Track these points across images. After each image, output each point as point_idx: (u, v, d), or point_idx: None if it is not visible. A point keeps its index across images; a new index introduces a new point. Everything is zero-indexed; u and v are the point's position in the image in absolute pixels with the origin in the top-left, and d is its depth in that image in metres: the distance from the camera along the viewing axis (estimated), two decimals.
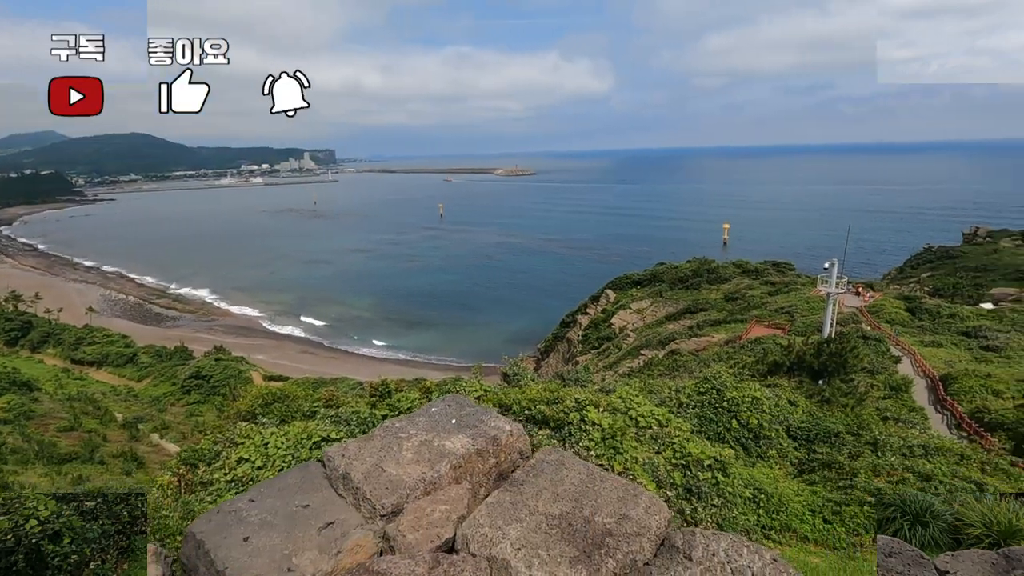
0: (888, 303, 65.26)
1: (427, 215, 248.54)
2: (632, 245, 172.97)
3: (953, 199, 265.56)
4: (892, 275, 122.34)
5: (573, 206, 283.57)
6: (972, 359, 43.32)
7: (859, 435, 14.69)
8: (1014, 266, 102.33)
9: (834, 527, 10.81)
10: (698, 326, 60.00)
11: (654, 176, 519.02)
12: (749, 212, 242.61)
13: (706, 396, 16.50)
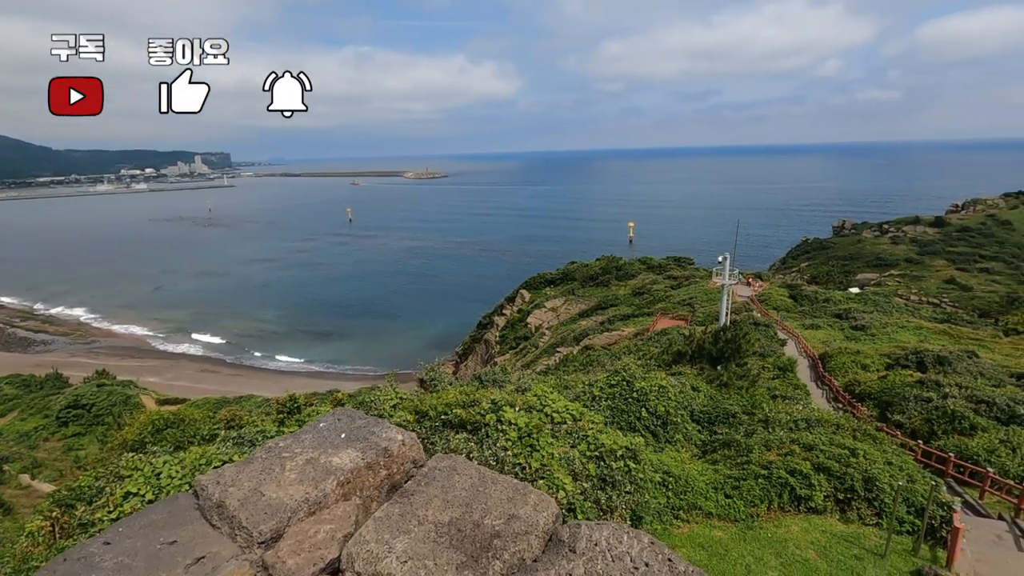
0: (774, 291, 71.51)
1: (335, 221, 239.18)
2: (544, 245, 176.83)
3: (823, 196, 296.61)
4: (777, 266, 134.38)
5: (485, 208, 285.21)
6: (844, 338, 48.44)
7: (753, 414, 15.91)
8: (874, 254, 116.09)
9: (734, 501, 11.60)
10: (609, 321, 62.38)
11: (562, 177, 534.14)
12: (651, 211, 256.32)
13: (617, 388, 17.14)
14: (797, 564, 9.70)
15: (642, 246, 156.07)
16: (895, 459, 12.95)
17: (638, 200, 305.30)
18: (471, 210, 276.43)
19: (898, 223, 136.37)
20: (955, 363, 31.83)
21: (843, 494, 11.65)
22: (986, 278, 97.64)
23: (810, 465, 12.03)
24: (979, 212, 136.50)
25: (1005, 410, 20.27)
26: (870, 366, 33.98)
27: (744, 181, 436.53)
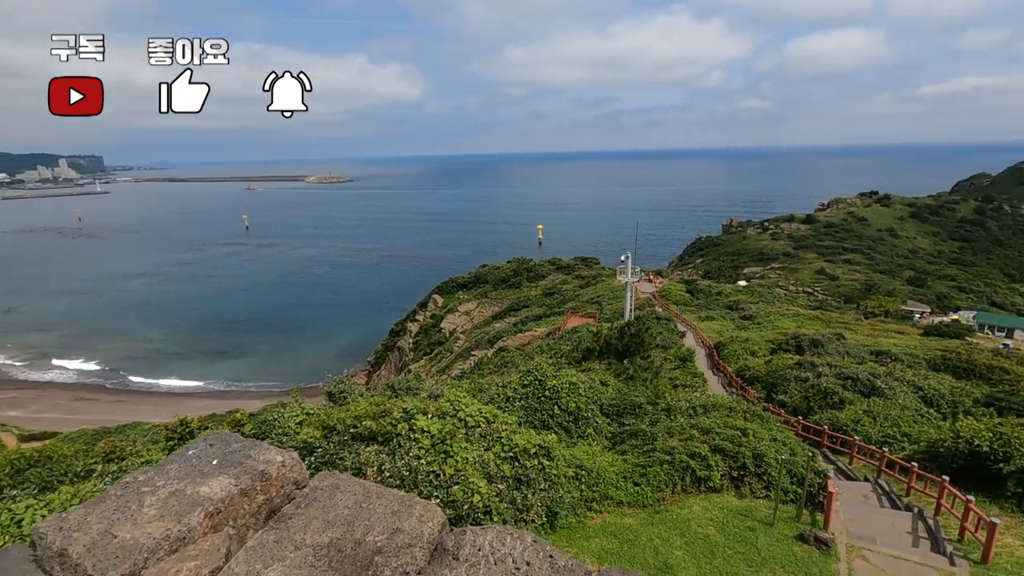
0: (673, 287, 76.16)
1: (229, 229, 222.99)
2: (455, 249, 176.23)
3: (713, 197, 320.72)
4: (675, 263, 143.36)
5: (394, 213, 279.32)
6: (735, 328, 52.51)
7: (657, 404, 16.81)
8: (757, 250, 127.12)
9: (642, 488, 12.16)
10: (522, 322, 63.33)
11: (471, 181, 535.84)
12: (558, 213, 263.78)
13: (530, 388, 17.40)
14: (699, 541, 10.35)
15: (551, 248, 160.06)
16: (779, 435, 14.26)
17: (545, 203, 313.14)
18: (378, 215, 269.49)
19: (776, 221, 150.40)
20: (827, 345, 35.53)
21: (737, 472, 12.63)
22: (849, 268, 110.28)
23: (708, 448, 12.92)
24: (841, 210, 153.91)
25: (867, 384, 22.97)
26: (758, 352, 37.06)
27: (642, 183, 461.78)
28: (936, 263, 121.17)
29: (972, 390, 26.58)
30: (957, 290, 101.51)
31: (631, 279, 37.30)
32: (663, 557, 9.72)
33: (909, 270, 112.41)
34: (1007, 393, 25.44)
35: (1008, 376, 32.91)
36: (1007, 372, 33.87)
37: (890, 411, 20.17)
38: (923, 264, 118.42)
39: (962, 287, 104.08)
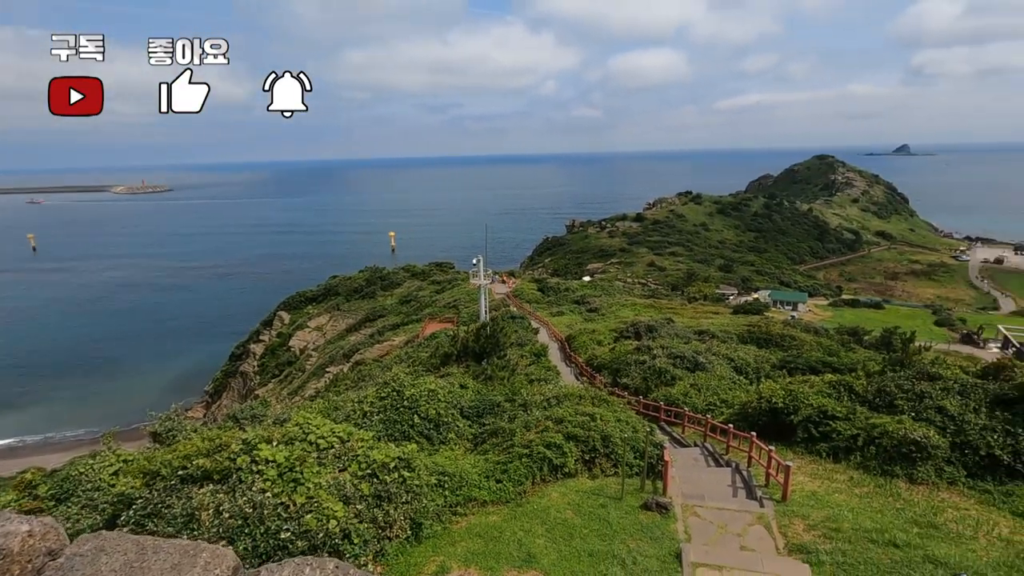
0: (526, 286, 79.44)
1: (9, 251, 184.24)
2: (302, 262, 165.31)
3: (557, 200, 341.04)
4: (526, 263, 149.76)
5: (228, 225, 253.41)
6: (583, 320, 56.31)
7: (514, 400, 17.42)
8: (598, 247, 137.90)
9: (504, 485, 12.49)
10: (379, 332, 61.41)
11: (316, 188, 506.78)
12: (410, 219, 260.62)
13: (388, 400, 16.93)
14: (559, 526, 10.93)
15: (405, 255, 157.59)
16: (623, 416, 15.65)
17: (396, 209, 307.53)
18: (209, 228, 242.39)
19: (612, 220, 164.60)
20: (659, 329, 39.68)
21: (588, 455, 13.60)
22: (674, 260, 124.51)
23: (562, 436, 13.71)
24: (664, 208, 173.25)
25: (692, 361, 26.13)
26: (603, 341, 40.14)
27: (491, 188, 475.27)
28: (739, 251, 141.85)
29: (770, 356, 31.59)
30: (756, 273, 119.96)
31: (484, 281, 38.17)
32: (527, 548, 10.07)
33: (719, 258, 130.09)
34: (795, 356, 30.68)
35: (795, 342, 39.69)
36: (795, 339, 40.81)
37: (711, 382, 23.19)
38: (729, 253, 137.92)
39: (759, 271, 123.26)
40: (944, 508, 11.66)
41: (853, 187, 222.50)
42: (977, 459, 13.15)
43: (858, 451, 14.06)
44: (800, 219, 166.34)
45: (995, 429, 13.39)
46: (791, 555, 9.81)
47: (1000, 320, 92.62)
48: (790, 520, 11.03)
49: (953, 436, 13.56)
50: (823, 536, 10.24)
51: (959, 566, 8.74)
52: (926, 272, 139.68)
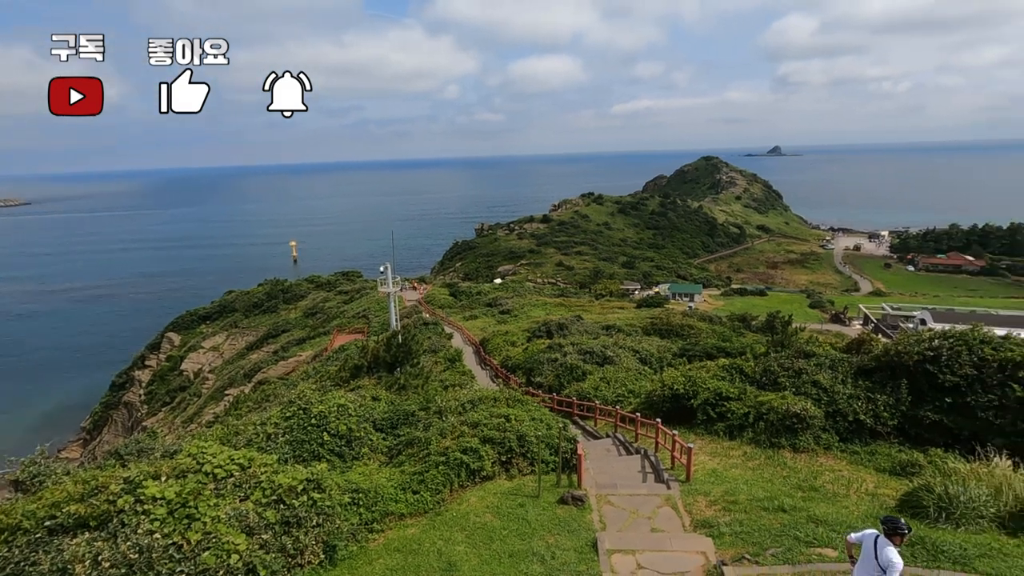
0: (438, 292, 78.71)
1: None
2: (191, 278, 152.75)
3: (465, 203, 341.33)
4: (437, 268, 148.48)
5: (102, 241, 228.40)
6: (496, 322, 56.74)
7: (429, 408, 17.15)
8: (508, 249, 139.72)
9: (421, 495, 12.26)
10: (283, 348, 58.12)
11: (206, 198, 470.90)
12: (312, 228, 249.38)
13: (294, 419, 16.04)
14: (479, 531, 10.90)
15: (308, 265, 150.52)
16: (537, 414, 15.93)
17: (297, 218, 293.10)
18: (76, 246, 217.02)
19: (520, 222, 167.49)
20: (570, 327, 40.91)
21: (505, 456, 13.68)
22: (580, 259, 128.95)
23: (478, 440, 13.69)
24: (569, 209, 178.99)
25: (601, 355, 27.18)
26: (517, 342, 40.68)
27: (397, 193, 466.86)
28: (640, 248, 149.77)
29: (672, 346, 33.62)
30: (656, 268, 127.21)
31: (393, 289, 37.36)
32: (447, 557, 9.95)
33: (623, 256, 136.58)
34: (693, 344, 32.86)
35: (693, 331, 42.54)
36: (692, 328, 43.72)
37: (619, 374, 24.24)
38: (631, 250, 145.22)
39: (659, 266, 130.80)
40: (822, 471, 12.98)
41: (736, 185, 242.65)
42: (846, 425, 14.78)
43: (750, 427, 15.29)
44: (692, 216, 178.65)
45: (859, 397, 15.12)
46: (696, 531, 10.47)
47: (860, 300, 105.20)
48: (694, 498, 11.77)
49: (826, 406, 15.14)
50: (723, 510, 11.03)
51: (835, 522, 9.77)
52: (800, 261, 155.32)
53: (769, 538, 9.51)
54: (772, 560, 8.84)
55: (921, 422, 14.35)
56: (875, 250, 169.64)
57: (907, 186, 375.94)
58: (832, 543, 9.11)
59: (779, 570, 8.56)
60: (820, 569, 8.44)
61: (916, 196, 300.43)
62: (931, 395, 14.49)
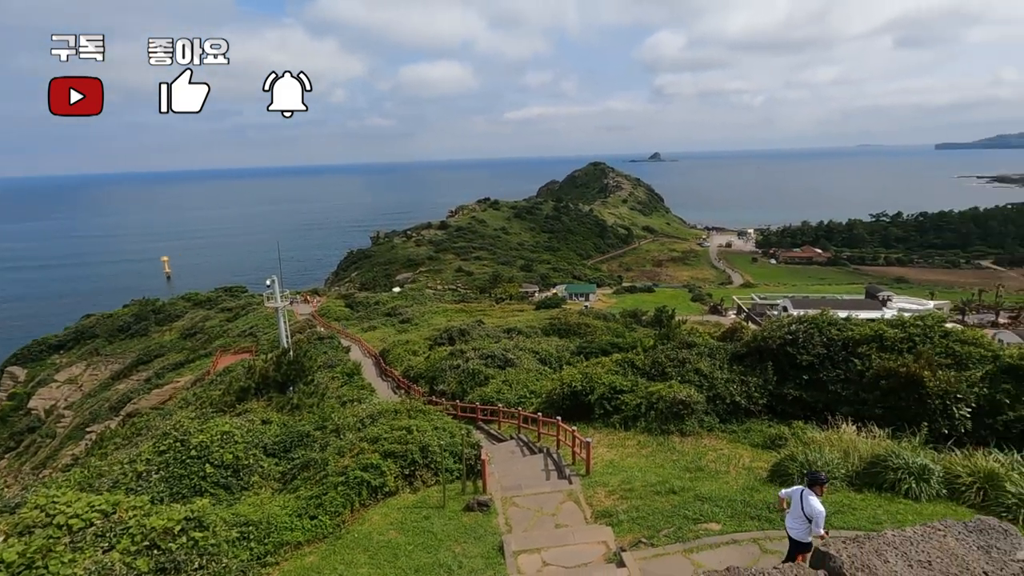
0: (333, 304, 75.34)
1: None
2: (39, 303, 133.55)
3: (358, 212, 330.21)
4: (331, 279, 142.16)
5: None
6: (397, 332, 55.41)
7: (325, 427, 16.31)
8: (405, 257, 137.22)
9: (320, 519, 11.61)
10: (157, 375, 52.54)
11: (57, 210, 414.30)
12: (188, 241, 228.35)
13: (170, 453, 14.55)
14: (383, 549, 10.53)
15: (184, 282, 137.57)
16: (440, 423, 15.74)
17: (169, 231, 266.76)
18: None
19: (417, 229, 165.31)
20: (471, 332, 40.94)
21: (408, 469, 13.36)
22: (479, 264, 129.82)
23: (379, 455, 13.23)
24: (466, 215, 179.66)
25: (502, 358, 27.47)
26: (418, 351, 39.97)
27: (283, 201, 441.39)
28: (536, 251, 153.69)
29: (570, 344, 34.79)
30: (553, 271, 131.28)
31: (282, 304, 35.19)
32: None
33: (520, 259, 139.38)
34: (589, 342, 34.25)
35: (589, 329, 44.37)
36: (588, 326, 45.58)
37: (520, 376, 24.65)
38: (528, 253, 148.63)
39: (555, 268, 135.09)
40: (706, 452, 14.07)
41: (622, 189, 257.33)
42: (725, 407, 16.16)
43: (642, 417, 16.20)
44: (584, 219, 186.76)
45: (734, 380, 16.61)
46: (597, 522, 10.87)
47: (734, 292, 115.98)
48: (594, 490, 12.23)
49: (708, 391, 16.45)
50: (621, 498, 11.57)
51: (718, 498, 10.63)
52: (682, 258, 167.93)
53: (662, 520, 10.12)
54: (665, 540, 9.41)
55: (785, 399, 16.05)
56: (744, 246, 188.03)
57: (767, 188, 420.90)
58: (716, 517, 9.89)
59: (671, 548, 9.13)
60: (706, 542, 9.13)
61: (774, 197, 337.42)
62: (792, 374, 16.26)
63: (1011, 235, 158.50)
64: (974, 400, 13.23)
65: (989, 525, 1.59)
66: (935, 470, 10.09)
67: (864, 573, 1.39)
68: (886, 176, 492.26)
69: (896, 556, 1.45)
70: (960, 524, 1.60)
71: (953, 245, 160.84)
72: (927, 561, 1.44)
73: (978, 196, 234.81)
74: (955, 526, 1.62)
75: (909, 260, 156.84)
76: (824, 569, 1.43)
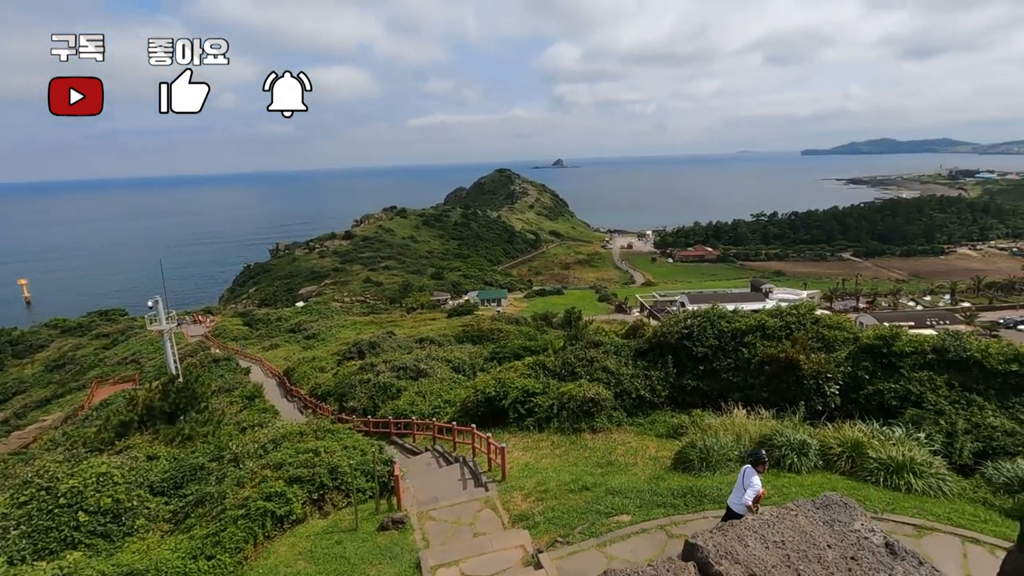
0: (229, 322, 70.22)
1: None
2: None
3: (255, 223, 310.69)
4: (227, 296, 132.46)
5: None
6: (302, 349, 52.71)
7: (222, 457, 15.08)
8: (309, 269, 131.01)
9: (218, 559, 10.67)
10: (17, 415, 46.08)
11: None
12: (51, 262, 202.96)
13: (32, 504, 12.82)
14: None
15: (49, 307, 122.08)
16: (350, 442, 15.09)
17: (27, 250, 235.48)
18: None
19: (320, 240, 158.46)
20: (382, 344, 39.84)
21: (316, 493, 12.65)
22: (389, 274, 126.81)
23: (283, 482, 12.42)
24: (373, 224, 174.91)
25: (414, 369, 26.96)
26: (326, 367, 38.28)
27: (168, 214, 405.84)
28: (447, 259, 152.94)
29: (483, 351, 34.86)
30: (464, 277, 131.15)
31: (167, 326, 32.25)
32: None
33: (431, 267, 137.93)
34: (502, 347, 34.52)
35: (502, 334, 44.74)
36: (502, 331, 45.95)
37: (434, 386, 24.31)
38: (439, 261, 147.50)
39: (466, 275, 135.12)
40: (616, 446, 14.63)
41: (528, 195, 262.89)
42: (631, 401, 16.92)
43: (555, 418, 16.54)
44: (492, 225, 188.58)
45: (639, 375, 17.45)
46: (514, 526, 10.92)
47: (637, 291, 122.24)
48: (511, 495, 12.28)
49: (615, 388, 17.14)
50: (537, 500, 11.70)
51: (628, 490, 11.07)
52: (587, 260, 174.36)
53: (577, 517, 10.36)
54: (580, 537, 9.64)
55: (685, 389, 17.10)
56: (644, 247, 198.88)
57: (662, 192, 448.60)
58: (626, 509, 10.28)
59: (586, 544, 9.36)
60: (617, 535, 9.46)
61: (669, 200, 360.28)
62: (690, 365, 17.36)
63: (864, 230, 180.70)
64: (841, 378, 14.84)
65: (832, 500, 1.77)
66: (812, 444, 11.18)
67: (728, 560, 1.49)
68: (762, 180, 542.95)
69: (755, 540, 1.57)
70: (809, 502, 1.77)
71: (820, 240, 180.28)
72: (781, 541, 1.57)
73: (837, 196, 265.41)
74: (805, 504, 1.78)
75: (785, 255, 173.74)
76: (693, 560, 1.52)
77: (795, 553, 1.54)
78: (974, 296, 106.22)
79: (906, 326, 21.65)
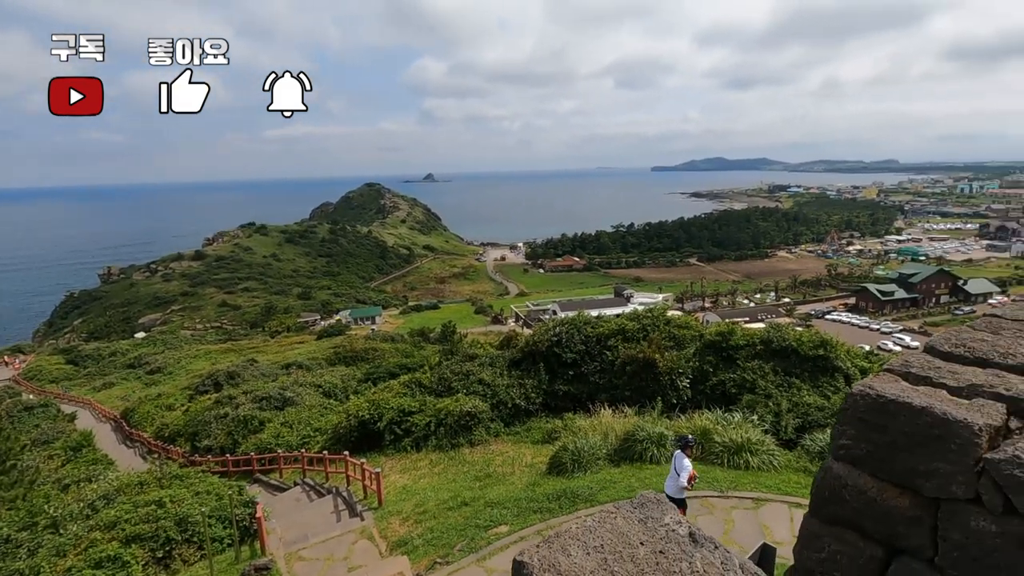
0: (46, 362, 59.91)
1: None
2: None
3: (78, 245, 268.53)
4: (43, 331, 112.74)
5: None
6: (144, 386, 46.54)
7: (35, 524, 12.65)
8: (151, 295, 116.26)
9: None
10: None
11: None
12: None
13: None
14: None
15: None
16: (202, 486, 13.50)
17: None
18: None
19: (165, 261, 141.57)
20: (242, 374, 36.49)
21: (162, 551, 11.10)
22: (248, 296, 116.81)
23: (117, 543, 10.73)
24: (228, 243, 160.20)
25: (279, 398, 25.01)
26: (175, 404, 34.15)
27: None
28: (315, 277, 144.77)
29: (357, 372, 33.40)
30: (334, 296, 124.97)
31: None
32: None
33: (296, 287, 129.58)
34: (377, 367, 33.36)
35: (378, 353, 43.23)
36: (376, 350, 44.40)
37: (302, 415, 22.73)
38: (305, 280, 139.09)
39: (337, 293, 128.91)
40: (494, 457, 14.75)
41: (400, 210, 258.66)
42: (508, 411, 17.22)
43: (432, 435, 16.30)
44: (363, 241, 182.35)
45: (513, 385, 17.82)
46: (392, 553, 10.50)
47: (511, 301, 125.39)
48: (388, 521, 11.81)
49: (491, 399, 17.33)
50: (415, 523, 11.38)
51: (505, 500, 11.19)
52: (462, 274, 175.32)
53: (456, 535, 10.23)
54: (460, 555, 9.52)
55: (557, 394, 17.78)
56: (516, 259, 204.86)
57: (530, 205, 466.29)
58: (504, 520, 10.37)
59: (465, 561, 9.27)
60: (496, 547, 9.49)
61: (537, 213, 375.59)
62: (560, 371, 18.12)
63: (706, 238, 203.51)
64: (691, 372, 16.43)
65: (648, 499, 1.91)
66: (668, 436, 12.20)
67: (551, 572, 1.53)
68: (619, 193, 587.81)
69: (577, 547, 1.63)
70: (628, 503, 1.89)
71: (671, 248, 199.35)
72: (600, 545, 1.64)
73: (683, 208, 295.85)
74: (624, 506, 1.90)
75: (642, 262, 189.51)
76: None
77: (612, 555, 1.62)
78: (792, 292, 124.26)
79: (742, 321, 24.67)
